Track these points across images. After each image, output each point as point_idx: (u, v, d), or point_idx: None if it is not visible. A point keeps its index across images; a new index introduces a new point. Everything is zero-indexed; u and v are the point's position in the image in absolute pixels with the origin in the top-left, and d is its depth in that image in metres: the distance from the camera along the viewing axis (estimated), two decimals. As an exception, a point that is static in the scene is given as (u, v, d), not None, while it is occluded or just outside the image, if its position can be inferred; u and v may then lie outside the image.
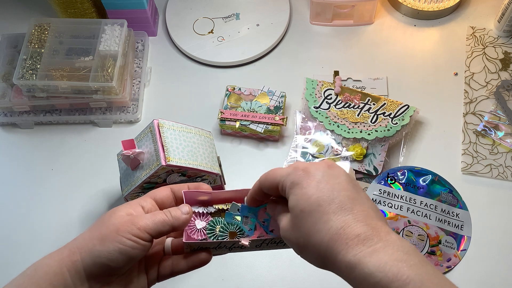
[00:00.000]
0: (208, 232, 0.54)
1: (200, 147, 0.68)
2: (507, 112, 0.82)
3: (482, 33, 0.91)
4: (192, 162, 0.65)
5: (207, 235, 0.54)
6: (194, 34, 0.92)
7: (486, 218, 0.76)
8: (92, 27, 0.84)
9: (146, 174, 0.63)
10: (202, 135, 0.69)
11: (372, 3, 0.89)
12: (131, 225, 0.47)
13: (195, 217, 0.55)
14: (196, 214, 0.55)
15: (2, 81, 0.84)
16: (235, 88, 0.84)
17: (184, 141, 0.66)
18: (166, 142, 0.63)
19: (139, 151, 0.64)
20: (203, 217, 0.55)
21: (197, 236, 0.54)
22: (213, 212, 0.56)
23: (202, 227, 0.54)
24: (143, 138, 0.66)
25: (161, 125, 0.64)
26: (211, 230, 0.54)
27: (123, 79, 0.84)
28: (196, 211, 0.55)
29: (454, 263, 0.73)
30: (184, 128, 0.67)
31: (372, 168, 0.78)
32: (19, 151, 0.85)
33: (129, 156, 0.64)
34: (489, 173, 0.79)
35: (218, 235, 0.54)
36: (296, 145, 0.81)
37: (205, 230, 0.54)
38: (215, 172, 0.68)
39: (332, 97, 0.82)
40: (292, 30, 0.94)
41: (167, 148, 0.63)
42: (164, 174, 0.65)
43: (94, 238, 0.48)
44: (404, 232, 0.74)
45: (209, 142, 0.70)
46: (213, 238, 0.54)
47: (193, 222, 0.54)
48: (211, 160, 0.69)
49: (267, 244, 0.55)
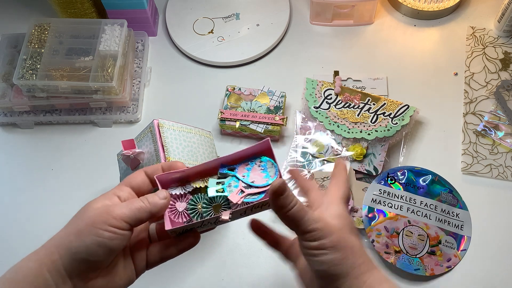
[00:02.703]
0: (191, 212, 0.53)
1: (200, 147, 0.68)
2: (507, 112, 0.82)
3: (482, 33, 0.91)
4: (192, 162, 0.65)
5: (190, 215, 0.52)
6: (194, 34, 0.92)
7: (486, 218, 0.76)
8: (92, 27, 0.84)
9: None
10: (202, 135, 0.69)
11: (372, 3, 0.89)
12: (107, 216, 0.46)
13: (174, 200, 0.53)
14: (175, 196, 0.53)
15: (2, 81, 0.84)
16: (235, 88, 0.84)
17: (184, 141, 0.66)
18: (166, 142, 0.63)
19: (139, 151, 0.64)
20: (183, 198, 0.54)
21: (181, 218, 0.53)
22: (191, 190, 0.54)
23: (184, 208, 0.53)
24: (143, 138, 0.66)
25: (161, 125, 0.64)
26: (193, 209, 0.53)
27: (123, 79, 0.84)
28: (173, 193, 0.53)
29: (454, 263, 0.73)
30: (184, 128, 0.67)
31: (372, 168, 0.78)
32: (19, 151, 0.85)
33: (129, 156, 0.64)
34: (489, 173, 0.79)
35: (201, 212, 0.52)
36: (296, 145, 0.81)
37: (187, 211, 0.53)
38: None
39: (332, 97, 0.82)
40: (292, 30, 0.94)
41: (167, 148, 0.63)
42: None
43: (71, 234, 0.46)
44: (404, 232, 0.74)
45: (209, 142, 0.70)
46: (196, 217, 0.52)
47: (173, 205, 0.53)
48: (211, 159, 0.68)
49: (251, 210, 0.52)
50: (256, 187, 0.53)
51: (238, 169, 0.54)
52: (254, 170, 0.54)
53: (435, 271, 0.72)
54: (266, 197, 0.51)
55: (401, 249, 0.72)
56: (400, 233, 0.73)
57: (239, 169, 0.54)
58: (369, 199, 0.75)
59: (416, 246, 0.73)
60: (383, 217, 0.74)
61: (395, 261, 0.72)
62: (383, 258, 0.72)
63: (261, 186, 0.53)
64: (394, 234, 0.73)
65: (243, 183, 0.53)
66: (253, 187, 0.53)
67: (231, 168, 0.54)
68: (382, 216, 0.74)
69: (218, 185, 0.53)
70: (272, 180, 0.53)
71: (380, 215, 0.74)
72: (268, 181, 0.53)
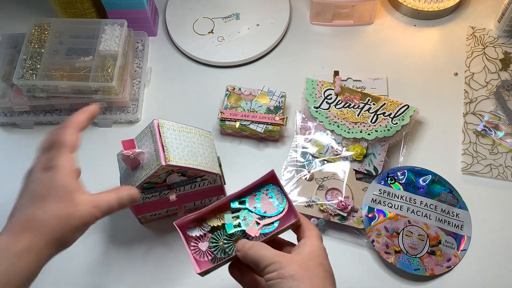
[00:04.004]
0: (214, 249, 0.58)
1: (200, 147, 0.68)
2: (507, 112, 0.82)
3: (482, 33, 0.91)
4: (192, 162, 0.65)
5: (214, 252, 0.57)
6: (194, 34, 0.92)
7: (486, 218, 0.76)
8: (92, 27, 0.84)
9: (146, 174, 0.63)
10: (202, 135, 0.69)
11: (372, 3, 0.89)
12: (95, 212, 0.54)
13: (196, 240, 0.58)
14: (196, 238, 0.58)
15: (2, 81, 0.84)
16: (235, 88, 0.84)
17: (184, 141, 0.66)
18: (166, 142, 0.63)
19: (139, 151, 0.64)
20: (203, 238, 0.59)
21: (205, 257, 0.58)
22: (209, 230, 0.59)
23: (207, 247, 0.58)
24: (143, 138, 0.66)
25: (161, 125, 0.64)
26: (215, 246, 0.58)
27: (123, 79, 0.84)
28: (194, 235, 0.58)
29: (454, 263, 0.73)
30: (184, 128, 0.67)
31: (372, 168, 0.78)
32: (19, 151, 0.85)
33: (129, 156, 0.64)
34: (489, 173, 0.79)
35: (224, 248, 0.57)
36: (296, 145, 0.81)
37: (210, 249, 0.58)
38: (215, 172, 0.68)
39: (332, 97, 0.82)
40: (292, 30, 0.94)
41: (167, 148, 0.63)
42: (164, 174, 0.65)
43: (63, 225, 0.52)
44: (404, 232, 0.74)
45: (209, 142, 0.70)
46: (220, 253, 0.57)
47: (196, 246, 0.58)
48: (211, 160, 0.69)
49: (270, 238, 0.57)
50: (269, 217, 0.58)
51: (248, 201, 0.59)
52: (263, 199, 0.59)
53: (435, 271, 0.72)
54: (280, 226, 0.57)
55: (401, 249, 0.72)
56: (400, 233, 0.73)
57: (249, 201, 0.59)
58: (369, 199, 0.75)
59: (416, 246, 0.73)
60: (383, 217, 0.74)
61: (395, 261, 0.72)
62: (383, 258, 0.72)
63: (274, 215, 0.58)
64: (394, 234, 0.73)
65: (256, 214, 0.58)
66: (266, 218, 0.58)
67: (241, 201, 0.59)
68: (382, 216, 0.74)
69: (234, 220, 0.58)
70: (282, 207, 0.58)
71: (380, 215, 0.74)
72: (279, 208, 0.58)
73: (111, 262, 0.75)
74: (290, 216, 0.58)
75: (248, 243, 0.54)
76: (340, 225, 0.75)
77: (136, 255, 0.76)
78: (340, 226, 0.75)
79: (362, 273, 0.73)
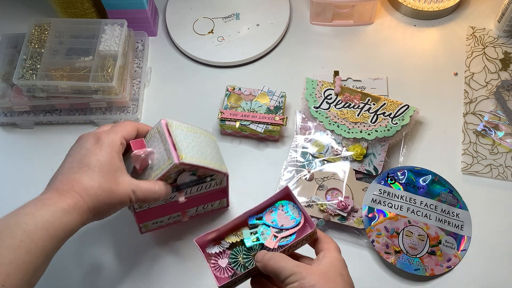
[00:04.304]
0: (234, 265, 0.59)
1: (208, 147, 0.66)
2: (507, 112, 0.82)
3: (482, 33, 0.91)
4: (203, 160, 0.63)
5: (234, 268, 0.58)
6: (194, 34, 0.92)
7: (486, 218, 0.76)
8: (92, 27, 0.84)
9: (157, 174, 0.61)
10: (207, 135, 0.68)
11: (372, 3, 0.89)
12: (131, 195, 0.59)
13: (215, 257, 0.60)
14: (215, 254, 0.59)
15: (2, 81, 0.84)
16: (235, 88, 0.84)
17: (193, 141, 0.64)
18: (177, 141, 0.62)
19: (150, 150, 0.62)
20: (223, 254, 0.60)
21: (226, 273, 0.58)
22: (228, 247, 0.60)
23: (227, 263, 0.59)
24: (150, 139, 0.64)
25: (169, 124, 0.63)
26: (235, 262, 0.59)
27: (123, 79, 0.84)
28: (214, 252, 0.60)
29: (454, 263, 0.73)
30: (190, 128, 0.66)
31: (372, 168, 0.78)
32: (19, 151, 0.85)
33: (140, 156, 0.61)
34: (489, 173, 0.79)
35: (243, 263, 0.58)
36: (296, 145, 0.81)
37: (229, 265, 0.59)
38: (224, 172, 0.67)
39: (332, 97, 0.82)
40: (292, 30, 0.94)
41: (179, 147, 0.61)
42: (174, 174, 0.63)
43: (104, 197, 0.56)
44: (404, 232, 0.74)
45: (214, 143, 0.69)
46: (240, 269, 0.58)
47: (216, 263, 0.59)
48: (219, 159, 0.68)
49: (288, 250, 0.58)
50: (286, 229, 0.59)
51: (265, 217, 0.60)
52: (280, 215, 0.60)
53: (435, 271, 0.72)
54: (298, 236, 0.58)
55: (401, 249, 0.72)
56: (400, 233, 0.73)
57: (266, 217, 0.60)
58: (369, 199, 0.75)
59: (416, 246, 0.73)
60: (383, 217, 0.74)
61: (395, 261, 0.72)
62: (383, 258, 0.72)
63: (291, 228, 0.59)
64: (394, 234, 0.73)
65: (274, 228, 0.59)
66: (284, 230, 0.59)
67: (258, 217, 0.60)
68: (382, 216, 0.74)
69: (253, 235, 0.59)
70: (298, 220, 0.59)
71: (380, 215, 0.74)
72: (296, 221, 0.59)
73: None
74: (306, 229, 0.59)
75: (268, 254, 0.55)
76: (340, 225, 0.75)
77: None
78: (340, 226, 0.75)
79: (362, 273, 0.73)
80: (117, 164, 0.59)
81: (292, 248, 0.58)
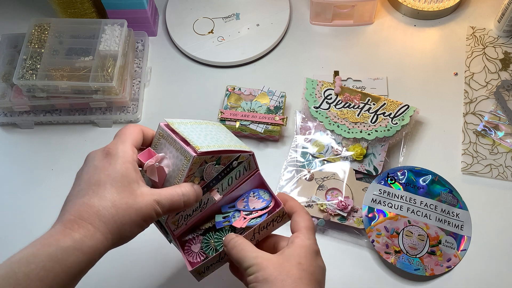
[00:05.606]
0: (206, 249, 0.59)
1: (219, 133, 0.61)
2: (507, 112, 0.82)
3: (482, 33, 0.91)
4: (221, 145, 0.57)
5: (206, 252, 0.59)
6: (194, 34, 0.92)
7: (486, 218, 0.76)
8: (92, 27, 0.84)
9: (180, 178, 0.55)
10: (214, 124, 0.64)
11: (372, 3, 0.89)
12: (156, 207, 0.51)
13: (189, 243, 0.60)
14: (189, 240, 0.60)
15: (2, 81, 0.84)
16: (235, 88, 0.84)
17: (202, 131, 0.59)
18: (185, 135, 0.55)
19: (161, 155, 0.56)
20: (196, 240, 0.60)
21: (198, 258, 0.59)
22: (201, 232, 0.61)
23: (199, 248, 0.60)
24: (156, 148, 0.59)
25: (170, 123, 0.57)
26: (207, 246, 0.59)
27: (123, 79, 0.84)
28: (187, 238, 0.60)
29: (454, 263, 0.73)
30: (193, 122, 0.61)
31: (372, 168, 0.78)
32: (19, 151, 0.85)
33: (153, 165, 0.55)
34: (489, 173, 0.79)
35: (215, 247, 0.59)
36: (296, 145, 0.81)
37: (202, 250, 0.60)
38: (248, 150, 0.60)
39: (332, 97, 0.82)
40: (292, 30, 0.94)
41: (190, 139, 0.55)
42: (198, 171, 0.56)
43: (121, 216, 0.49)
44: (404, 232, 0.74)
45: (224, 129, 0.64)
46: (211, 252, 0.59)
47: (189, 248, 0.60)
48: (237, 141, 0.62)
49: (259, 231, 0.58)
50: (256, 211, 0.60)
51: (237, 204, 0.61)
52: (251, 200, 0.61)
53: (435, 271, 0.72)
54: (269, 217, 0.58)
55: (401, 249, 0.72)
56: (400, 233, 0.73)
57: (238, 204, 0.61)
58: (369, 199, 0.75)
59: (416, 246, 0.73)
60: (383, 217, 0.74)
61: (395, 261, 0.72)
62: (383, 258, 0.72)
63: (261, 209, 0.60)
64: (394, 234, 0.73)
65: (244, 211, 0.60)
66: (254, 212, 0.60)
67: (231, 206, 0.62)
68: (382, 216, 0.74)
69: (224, 220, 0.60)
70: (268, 203, 0.60)
71: (380, 215, 0.74)
72: (266, 203, 0.60)
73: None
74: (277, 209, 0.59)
75: (232, 240, 0.54)
76: (340, 225, 0.75)
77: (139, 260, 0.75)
78: (340, 226, 0.75)
79: (362, 273, 0.73)
80: (132, 176, 0.51)
81: (263, 230, 0.57)
